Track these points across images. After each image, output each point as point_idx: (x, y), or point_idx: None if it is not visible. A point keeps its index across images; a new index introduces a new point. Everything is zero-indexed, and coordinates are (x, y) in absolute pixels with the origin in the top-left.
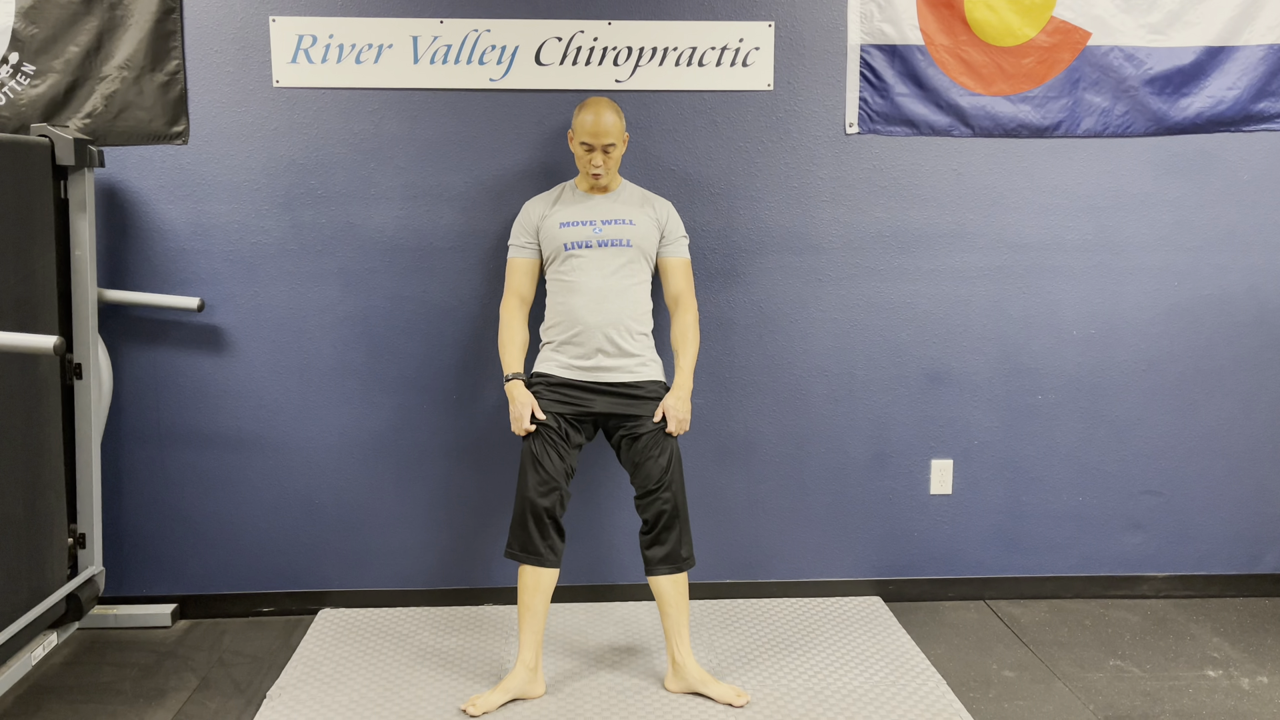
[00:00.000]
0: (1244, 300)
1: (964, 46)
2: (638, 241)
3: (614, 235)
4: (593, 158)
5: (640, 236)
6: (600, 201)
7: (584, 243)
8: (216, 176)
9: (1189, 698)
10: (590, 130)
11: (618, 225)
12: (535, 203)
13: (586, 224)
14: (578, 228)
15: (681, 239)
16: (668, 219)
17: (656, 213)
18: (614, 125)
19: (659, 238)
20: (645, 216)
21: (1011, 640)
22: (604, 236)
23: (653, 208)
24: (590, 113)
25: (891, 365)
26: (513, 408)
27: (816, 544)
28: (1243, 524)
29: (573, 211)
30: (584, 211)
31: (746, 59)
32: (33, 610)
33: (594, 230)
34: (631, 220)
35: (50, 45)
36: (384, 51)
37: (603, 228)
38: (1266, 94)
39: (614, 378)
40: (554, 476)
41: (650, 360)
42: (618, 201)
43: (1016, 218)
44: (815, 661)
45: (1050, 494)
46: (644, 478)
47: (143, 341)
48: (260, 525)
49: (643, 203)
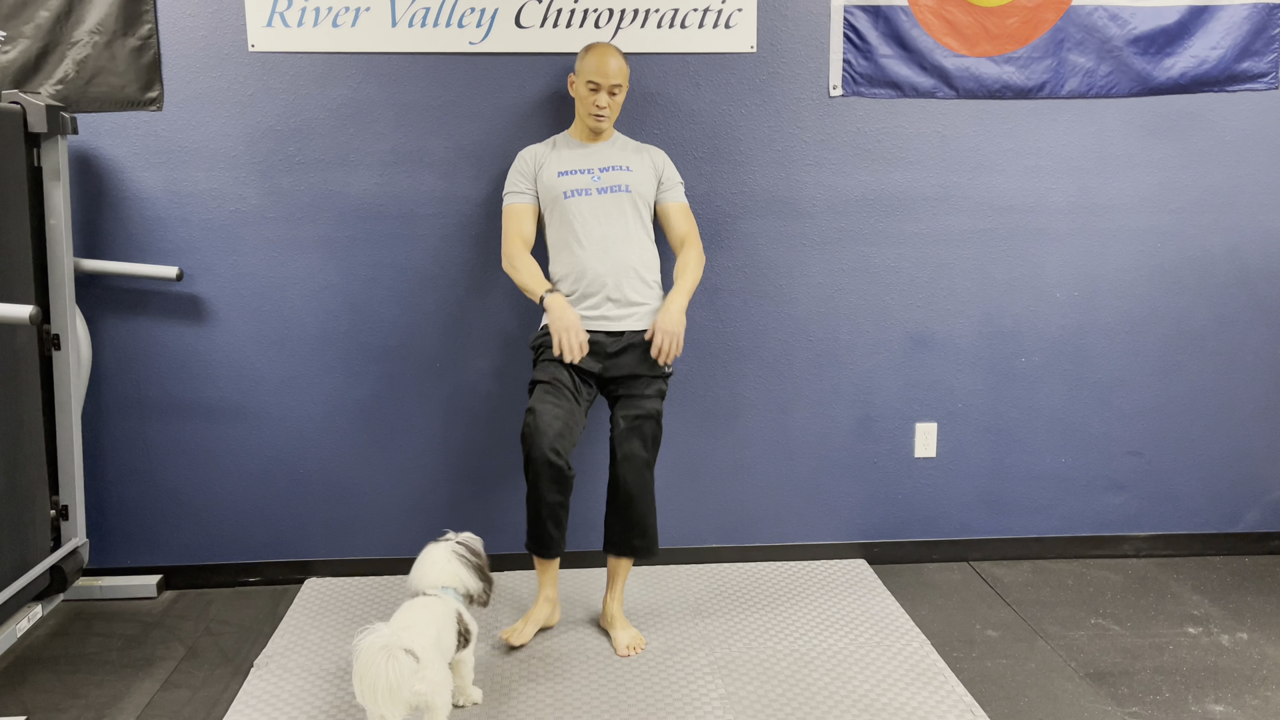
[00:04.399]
0: (1226, 261)
1: (948, 7)
2: (636, 187)
3: (612, 181)
4: (598, 98)
5: (639, 182)
6: (596, 149)
7: (583, 190)
8: (193, 143)
9: (1169, 654)
10: (598, 69)
11: (615, 172)
12: (531, 149)
13: (584, 172)
14: (576, 176)
15: (678, 184)
16: (664, 166)
17: (653, 159)
18: (620, 69)
19: (656, 184)
20: (642, 163)
21: (995, 600)
22: (603, 184)
23: (649, 155)
24: (598, 53)
25: (876, 329)
26: (558, 329)
27: (801, 508)
28: (1223, 484)
29: (569, 159)
30: (581, 159)
31: (729, 20)
32: (16, 583)
33: (592, 178)
34: (628, 166)
35: (20, 10)
36: (361, 14)
37: (600, 175)
38: (1250, 53)
39: (621, 325)
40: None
41: (656, 307)
42: (614, 148)
43: (1000, 180)
44: (800, 624)
45: (1033, 456)
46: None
47: (121, 312)
48: (245, 495)
49: (638, 150)
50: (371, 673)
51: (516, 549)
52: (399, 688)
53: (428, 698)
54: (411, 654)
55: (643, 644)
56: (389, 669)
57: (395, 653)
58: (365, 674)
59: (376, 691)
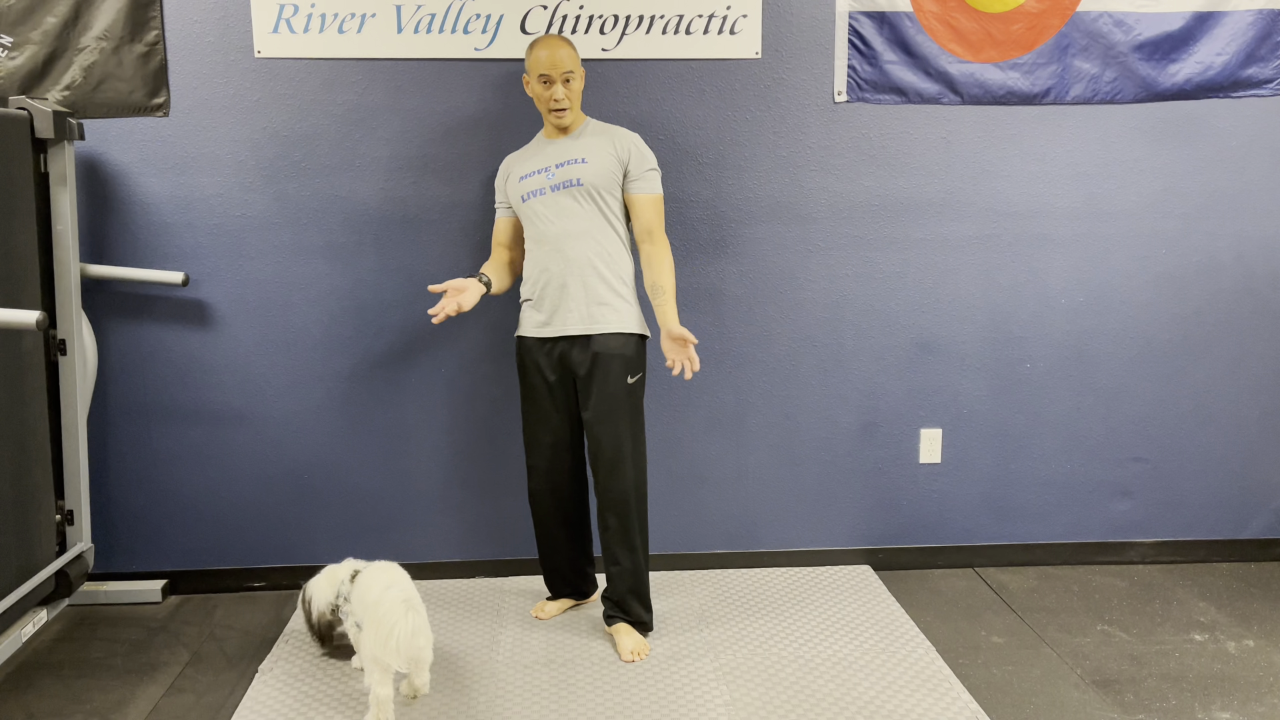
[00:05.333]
0: (1231, 267)
1: (953, 13)
2: (590, 179)
3: (565, 177)
4: (553, 91)
5: (593, 174)
6: (559, 144)
7: (538, 191)
8: (199, 149)
9: (1175, 661)
10: (548, 61)
11: (569, 166)
12: (508, 158)
13: (541, 171)
14: (533, 177)
15: (650, 173)
16: (630, 151)
17: (616, 146)
18: (570, 55)
19: (621, 173)
20: (602, 152)
21: (1000, 607)
22: (556, 180)
23: (612, 141)
24: (543, 45)
25: (880, 335)
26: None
27: (806, 513)
28: (1229, 490)
29: (531, 161)
30: (540, 159)
31: (734, 26)
32: (21, 587)
33: (547, 176)
34: (583, 159)
35: (27, 16)
36: (367, 20)
37: (555, 171)
38: (1255, 59)
39: (578, 329)
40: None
41: (620, 308)
42: (577, 140)
43: (1005, 186)
44: (805, 630)
45: (1038, 462)
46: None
47: (127, 317)
48: (250, 500)
49: (601, 136)
50: (400, 627)
51: (521, 554)
52: (418, 638)
53: (425, 650)
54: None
55: (647, 650)
56: (410, 621)
57: (415, 606)
58: (394, 628)
59: (402, 644)
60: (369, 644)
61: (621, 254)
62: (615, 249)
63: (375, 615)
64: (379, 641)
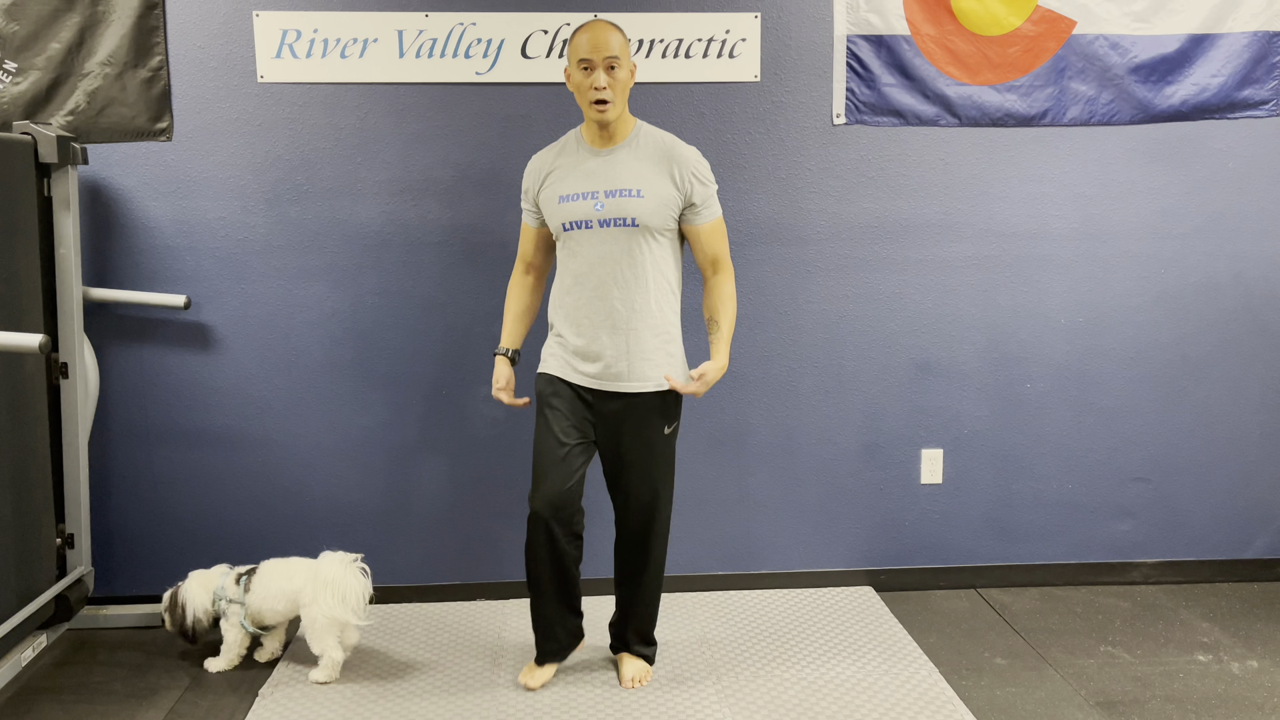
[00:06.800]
0: (1230, 287)
1: (950, 36)
2: (645, 218)
3: (617, 212)
4: (594, 78)
5: (649, 213)
6: (608, 159)
7: (583, 222)
8: (201, 173)
9: (1180, 682)
10: (588, 44)
11: (623, 199)
12: (537, 161)
13: (588, 197)
14: (577, 202)
15: (710, 199)
16: (692, 184)
17: (676, 174)
18: (617, 40)
19: (680, 204)
20: (660, 182)
21: (1003, 628)
22: (606, 214)
23: (671, 165)
24: (586, 29)
25: (881, 355)
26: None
27: (808, 535)
28: (1231, 510)
29: (574, 179)
30: (586, 179)
31: (733, 50)
32: (21, 612)
33: (595, 205)
34: (639, 191)
35: (32, 42)
36: (369, 45)
37: (605, 202)
38: (1250, 81)
39: (621, 385)
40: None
41: (665, 363)
42: (632, 160)
43: (1003, 207)
44: (808, 652)
45: (1040, 482)
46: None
47: (129, 340)
48: (250, 523)
49: (659, 160)
50: (344, 584)
51: (523, 576)
52: (363, 596)
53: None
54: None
55: (649, 675)
56: (354, 579)
57: (353, 567)
58: (338, 585)
59: (349, 599)
60: (325, 609)
61: (673, 300)
62: (667, 297)
63: (323, 583)
64: (337, 601)
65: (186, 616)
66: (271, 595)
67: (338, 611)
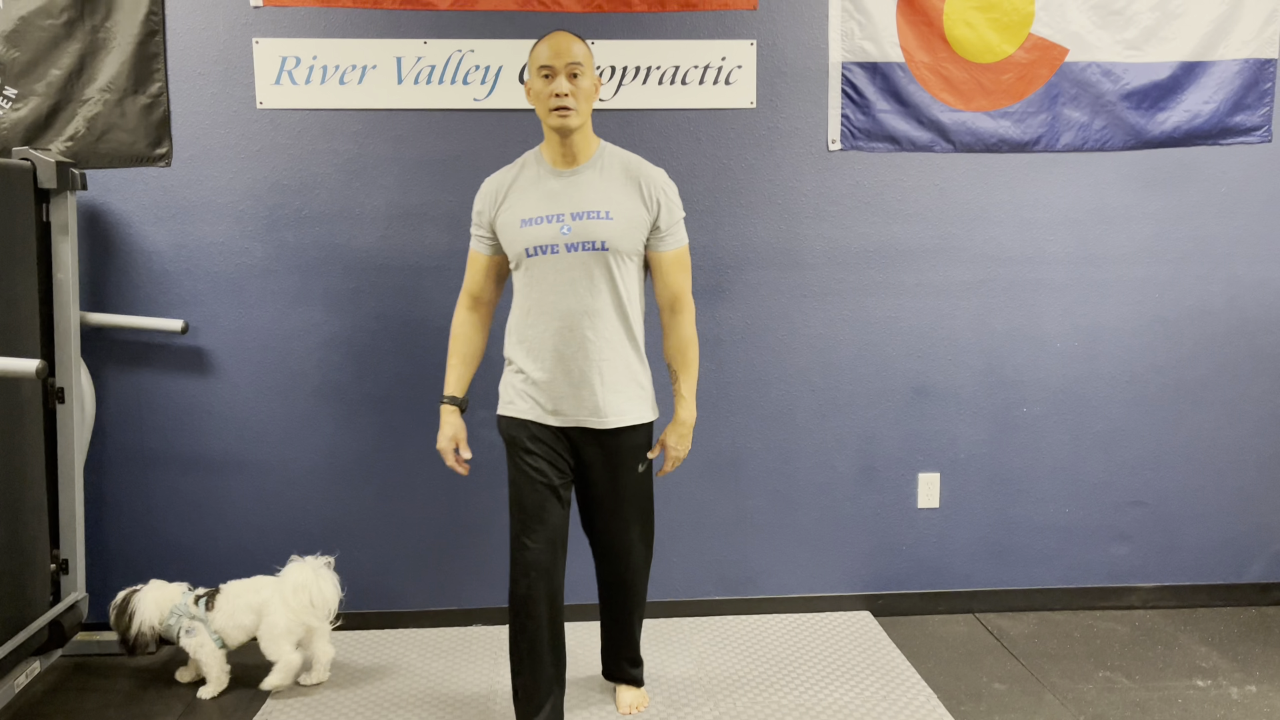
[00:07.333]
0: (1224, 311)
1: (944, 63)
2: (615, 242)
3: (585, 236)
4: (556, 84)
5: (619, 235)
6: (572, 180)
7: (548, 247)
8: (200, 198)
9: (1179, 707)
10: (549, 52)
11: (591, 221)
12: (492, 183)
13: (553, 220)
14: (541, 226)
15: (677, 224)
16: (661, 203)
17: (644, 194)
18: (579, 48)
19: (648, 226)
20: (629, 203)
21: (1001, 653)
22: (573, 238)
23: (639, 186)
24: (547, 40)
25: (877, 380)
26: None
27: (804, 559)
28: (1228, 534)
29: (536, 201)
30: (550, 201)
31: (729, 77)
32: (15, 638)
33: (561, 229)
34: (608, 212)
35: (32, 68)
36: (368, 72)
37: (571, 225)
38: (1242, 107)
39: (590, 421)
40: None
41: (637, 396)
42: (598, 180)
43: (998, 232)
44: (805, 677)
45: (1037, 506)
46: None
47: (126, 364)
48: (246, 548)
49: (627, 180)
50: (314, 587)
51: None
52: (333, 599)
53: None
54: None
55: (645, 703)
56: (324, 582)
57: (323, 571)
58: (308, 588)
59: (318, 603)
60: (291, 612)
61: (640, 329)
62: (636, 326)
63: (291, 588)
64: (305, 605)
65: (131, 626)
66: (240, 610)
67: (306, 615)
